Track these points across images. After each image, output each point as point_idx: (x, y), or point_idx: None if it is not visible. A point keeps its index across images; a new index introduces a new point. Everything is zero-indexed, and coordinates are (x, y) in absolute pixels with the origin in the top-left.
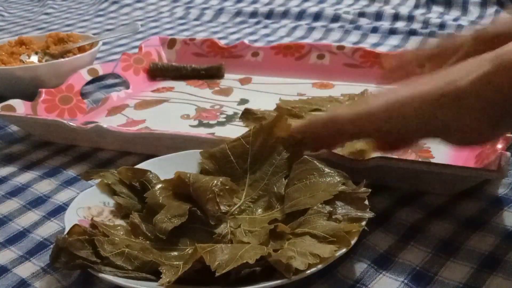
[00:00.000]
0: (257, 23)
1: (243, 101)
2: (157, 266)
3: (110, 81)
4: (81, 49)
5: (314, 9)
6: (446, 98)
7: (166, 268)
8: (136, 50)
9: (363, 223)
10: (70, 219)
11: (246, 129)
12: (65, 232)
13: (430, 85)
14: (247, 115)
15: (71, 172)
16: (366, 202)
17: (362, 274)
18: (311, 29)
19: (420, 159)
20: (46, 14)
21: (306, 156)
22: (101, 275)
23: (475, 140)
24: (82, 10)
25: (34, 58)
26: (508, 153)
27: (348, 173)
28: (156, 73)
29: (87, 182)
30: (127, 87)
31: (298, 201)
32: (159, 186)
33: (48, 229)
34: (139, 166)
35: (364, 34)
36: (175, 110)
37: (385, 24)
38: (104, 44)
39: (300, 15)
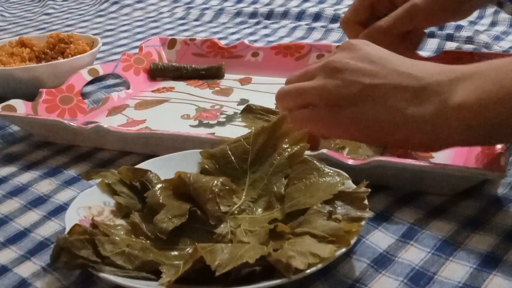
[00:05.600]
0: (257, 23)
1: (243, 101)
2: (158, 266)
3: (111, 81)
4: (82, 50)
5: (314, 10)
6: None
7: (166, 268)
8: (137, 50)
9: (363, 222)
10: (71, 218)
11: (246, 129)
12: (66, 232)
13: None
14: (248, 112)
15: (71, 172)
16: (366, 202)
17: (362, 274)
18: (311, 30)
19: (420, 159)
20: (47, 14)
21: (306, 156)
22: (102, 274)
23: None
24: (83, 10)
25: None
26: (508, 153)
27: (348, 173)
28: (157, 73)
29: (88, 182)
30: (128, 87)
31: (298, 201)
32: (159, 186)
33: (49, 228)
34: (139, 166)
35: None
36: (175, 110)
37: None
38: (104, 44)
39: (299, 16)
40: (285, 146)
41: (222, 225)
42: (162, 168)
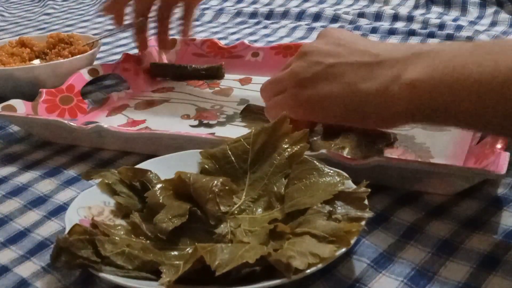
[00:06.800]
0: (257, 23)
1: (243, 101)
2: (158, 266)
3: (111, 81)
4: (82, 50)
5: (314, 10)
6: None
7: (166, 268)
8: (137, 50)
9: (363, 222)
10: (71, 218)
11: (246, 129)
12: (66, 232)
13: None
14: (248, 112)
15: (71, 172)
16: (366, 202)
17: (362, 274)
18: (311, 30)
19: (420, 159)
20: (47, 14)
21: (306, 156)
22: (102, 274)
23: None
24: (83, 10)
25: (37, 62)
26: (508, 153)
27: (348, 173)
28: (156, 73)
29: (88, 182)
30: (128, 87)
31: (298, 201)
32: (159, 186)
33: (49, 228)
34: (140, 166)
35: (363, 35)
36: (175, 110)
37: (384, 25)
38: (104, 44)
39: (300, 16)
40: (285, 146)
41: (222, 225)
42: (162, 168)
